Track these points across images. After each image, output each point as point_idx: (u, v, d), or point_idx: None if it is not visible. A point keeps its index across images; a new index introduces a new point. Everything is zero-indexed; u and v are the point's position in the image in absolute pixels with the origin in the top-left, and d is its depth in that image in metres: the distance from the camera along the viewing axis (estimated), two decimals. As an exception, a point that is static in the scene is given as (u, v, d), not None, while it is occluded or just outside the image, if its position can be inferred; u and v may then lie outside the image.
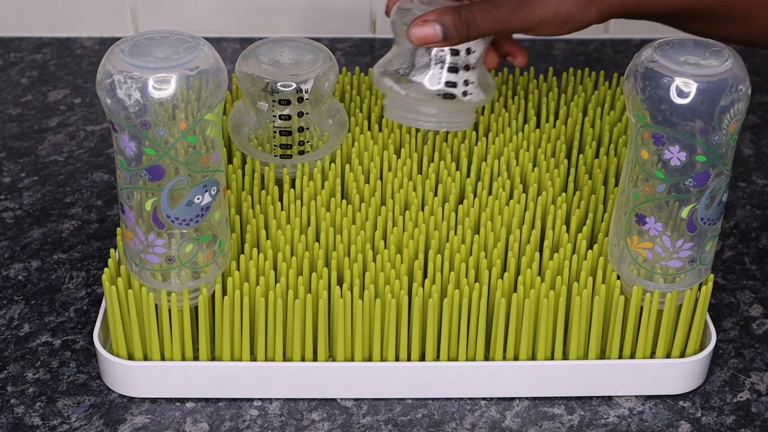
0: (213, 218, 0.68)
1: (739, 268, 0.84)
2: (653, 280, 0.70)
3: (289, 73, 0.76)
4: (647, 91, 0.64)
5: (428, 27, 0.71)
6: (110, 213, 0.88)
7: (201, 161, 0.65)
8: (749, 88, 0.64)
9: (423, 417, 0.71)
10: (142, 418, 0.71)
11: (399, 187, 0.77)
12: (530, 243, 0.74)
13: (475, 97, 0.75)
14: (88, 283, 0.81)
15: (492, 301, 0.72)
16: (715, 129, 0.64)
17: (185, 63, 0.63)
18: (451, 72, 0.74)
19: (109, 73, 0.63)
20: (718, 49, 0.65)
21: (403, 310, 0.70)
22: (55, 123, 1.00)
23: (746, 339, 0.78)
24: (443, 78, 0.74)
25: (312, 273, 0.72)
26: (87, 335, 0.76)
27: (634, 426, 0.71)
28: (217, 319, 0.70)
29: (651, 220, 0.68)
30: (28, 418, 0.70)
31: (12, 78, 1.06)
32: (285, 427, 0.70)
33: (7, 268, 0.82)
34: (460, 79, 0.74)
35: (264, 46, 0.78)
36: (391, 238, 0.74)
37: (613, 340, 0.72)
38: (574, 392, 0.73)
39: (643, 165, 0.67)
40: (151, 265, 0.68)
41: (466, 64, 0.74)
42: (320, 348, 0.71)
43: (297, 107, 0.76)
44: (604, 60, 1.11)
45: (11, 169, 0.93)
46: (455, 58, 0.74)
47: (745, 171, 0.95)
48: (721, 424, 0.71)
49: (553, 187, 0.78)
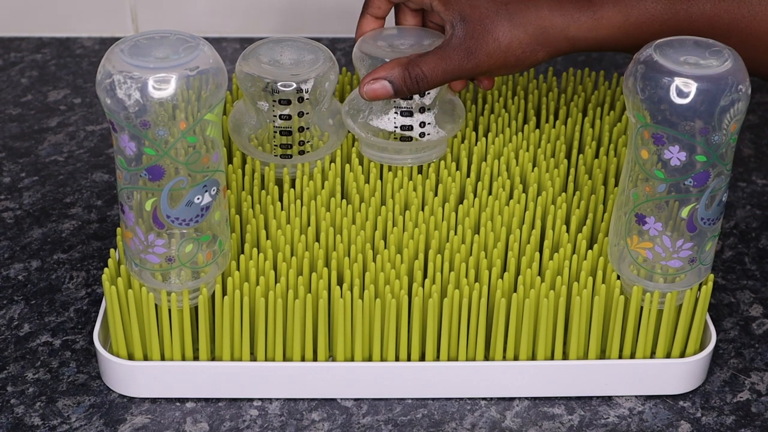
0: (213, 218, 0.68)
1: (739, 268, 0.84)
2: (653, 280, 0.70)
3: (289, 73, 0.76)
4: (647, 91, 0.64)
5: (377, 84, 0.73)
6: (110, 213, 0.88)
7: (201, 161, 0.65)
8: (749, 88, 0.64)
9: (423, 417, 0.71)
10: (142, 418, 0.71)
11: (399, 187, 0.77)
12: (530, 243, 0.74)
13: (434, 136, 0.76)
14: (88, 283, 0.81)
15: (492, 301, 0.72)
16: (715, 129, 0.64)
17: (185, 63, 0.63)
18: (405, 116, 0.75)
19: (108, 73, 0.62)
20: (718, 49, 0.65)
21: (403, 310, 0.70)
22: (55, 123, 1.00)
23: (746, 339, 0.78)
24: (398, 122, 0.75)
25: (312, 273, 0.72)
26: (87, 335, 0.76)
27: (634, 426, 0.71)
28: (217, 319, 0.70)
29: (651, 220, 0.68)
30: (28, 418, 0.70)
31: (12, 78, 1.06)
32: (285, 427, 0.70)
33: (7, 268, 0.82)
34: (415, 121, 0.75)
35: (264, 46, 0.78)
36: (391, 238, 0.74)
37: (613, 340, 0.72)
38: (574, 392, 0.72)
39: (643, 165, 0.67)
40: (151, 265, 0.68)
41: (421, 107, 0.75)
42: (320, 348, 0.71)
43: (297, 107, 0.76)
44: (604, 60, 1.11)
45: (11, 169, 0.93)
46: (409, 102, 0.75)
47: (745, 171, 0.95)
48: (721, 424, 0.71)
49: (553, 187, 0.78)
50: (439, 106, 0.77)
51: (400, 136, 0.76)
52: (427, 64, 0.73)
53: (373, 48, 0.76)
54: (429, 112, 0.76)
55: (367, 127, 0.77)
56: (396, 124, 0.76)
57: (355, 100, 0.78)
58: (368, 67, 0.75)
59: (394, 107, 0.76)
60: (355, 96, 0.78)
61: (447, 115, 0.78)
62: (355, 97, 0.78)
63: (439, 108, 0.77)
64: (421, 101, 0.75)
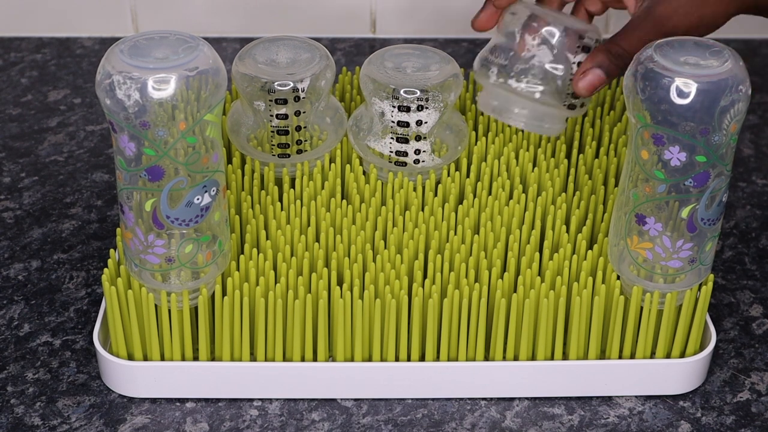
0: (213, 218, 0.68)
1: (739, 268, 0.84)
2: (653, 281, 0.70)
3: (285, 72, 0.75)
4: (647, 92, 0.64)
5: (590, 75, 0.75)
6: (110, 213, 0.88)
7: (201, 162, 0.65)
8: (749, 88, 0.64)
9: (423, 417, 0.71)
10: (142, 418, 0.71)
11: (399, 187, 0.77)
12: (530, 243, 0.74)
13: (429, 163, 0.76)
14: (88, 283, 0.81)
15: (492, 302, 0.72)
16: (715, 129, 0.64)
17: (185, 63, 0.63)
18: (401, 142, 0.76)
19: (108, 74, 0.62)
20: (719, 49, 0.65)
21: (403, 310, 0.70)
22: (55, 123, 1.00)
23: (746, 339, 0.78)
24: (394, 147, 0.76)
25: (312, 273, 0.72)
26: (87, 335, 0.76)
27: (634, 426, 0.71)
28: (217, 319, 0.70)
29: (651, 220, 0.68)
30: (28, 418, 0.70)
31: (12, 78, 1.06)
32: (285, 427, 0.70)
33: (7, 268, 0.82)
34: (410, 148, 0.76)
35: (260, 46, 0.78)
36: (391, 239, 0.74)
37: (613, 341, 0.72)
38: (574, 392, 0.72)
39: (643, 165, 0.67)
40: (151, 266, 0.68)
41: (417, 135, 0.75)
42: (320, 348, 0.71)
43: (294, 106, 0.76)
44: (604, 60, 1.11)
45: (11, 169, 0.93)
46: (405, 129, 0.75)
47: (745, 171, 0.95)
48: (721, 424, 0.71)
49: (553, 187, 0.78)
50: (437, 134, 0.77)
51: (395, 160, 0.76)
52: (624, 38, 0.74)
53: (379, 71, 0.76)
54: (425, 140, 0.76)
55: (366, 147, 0.77)
56: (392, 149, 0.76)
57: (359, 118, 0.78)
58: (371, 91, 0.75)
59: (391, 133, 0.76)
60: (359, 113, 0.78)
61: (447, 141, 0.78)
62: (360, 115, 0.78)
63: (438, 134, 0.77)
64: (417, 129, 0.75)
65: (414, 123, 0.75)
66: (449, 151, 0.78)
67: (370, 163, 0.78)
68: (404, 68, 0.76)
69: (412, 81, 0.75)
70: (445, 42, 1.13)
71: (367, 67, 0.76)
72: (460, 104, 0.87)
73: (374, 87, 0.75)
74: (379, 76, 0.75)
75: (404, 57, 0.77)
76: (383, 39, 1.13)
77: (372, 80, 0.75)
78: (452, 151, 0.78)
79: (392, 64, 0.76)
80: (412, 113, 0.75)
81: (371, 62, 0.76)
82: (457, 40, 1.13)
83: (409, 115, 0.75)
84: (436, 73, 0.75)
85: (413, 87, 0.74)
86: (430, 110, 0.75)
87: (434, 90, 0.74)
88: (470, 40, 1.13)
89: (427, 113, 0.75)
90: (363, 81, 0.76)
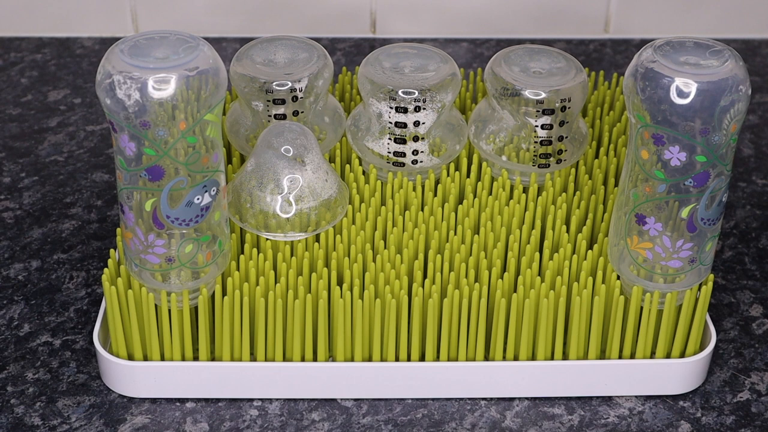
0: (213, 218, 0.68)
1: (739, 268, 0.84)
2: (653, 281, 0.70)
3: (283, 72, 0.75)
4: (647, 92, 0.64)
5: None
6: (110, 213, 0.88)
7: (201, 161, 0.65)
8: (749, 88, 0.64)
9: (423, 417, 0.71)
10: (142, 418, 0.71)
11: (399, 187, 0.77)
12: (530, 243, 0.74)
13: (427, 164, 0.76)
14: (88, 283, 0.81)
15: (492, 302, 0.72)
16: (715, 129, 0.64)
17: (185, 63, 0.63)
18: (398, 143, 0.75)
19: (108, 74, 0.62)
20: (719, 49, 0.65)
21: (403, 310, 0.70)
22: (55, 123, 1.00)
23: (746, 339, 0.78)
24: (391, 148, 0.76)
25: (312, 273, 0.72)
26: (87, 335, 0.76)
27: (634, 426, 0.71)
28: (217, 319, 0.70)
29: (651, 220, 0.68)
30: (28, 418, 0.70)
31: (12, 78, 1.06)
32: (285, 427, 0.70)
33: (7, 268, 0.82)
34: (408, 149, 0.76)
35: (258, 46, 0.78)
36: (391, 239, 0.74)
37: (613, 341, 0.72)
38: (574, 392, 0.73)
39: (643, 165, 0.67)
40: (151, 266, 0.68)
41: (415, 136, 0.75)
42: (320, 348, 0.71)
43: (292, 106, 0.76)
44: (604, 60, 1.11)
45: (11, 169, 0.93)
46: (403, 130, 0.75)
47: (745, 171, 0.95)
48: (721, 424, 0.71)
49: (553, 187, 0.78)
50: (436, 133, 0.77)
51: (393, 161, 0.76)
52: None
53: (377, 72, 0.76)
54: (423, 141, 0.76)
55: (364, 147, 0.77)
56: (389, 150, 0.76)
57: (357, 118, 0.78)
58: (369, 91, 0.75)
59: (389, 134, 0.76)
60: (358, 113, 0.78)
61: (446, 141, 0.78)
62: (358, 115, 0.78)
63: (437, 133, 0.77)
64: (415, 130, 0.75)
65: (411, 124, 0.75)
66: (448, 150, 0.78)
67: (369, 163, 0.78)
68: (402, 68, 0.76)
69: (409, 82, 0.75)
70: (445, 42, 1.13)
71: (364, 67, 0.76)
72: (460, 103, 0.87)
73: (372, 88, 0.75)
74: (376, 77, 0.75)
75: (402, 56, 0.77)
76: (383, 39, 1.14)
77: (370, 81, 0.75)
78: (451, 150, 0.78)
79: (390, 64, 0.76)
80: (409, 114, 0.75)
81: (368, 63, 0.76)
82: (457, 40, 1.13)
83: (406, 116, 0.75)
84: (434, 74, 0.75)
85: (411, 88, 0.74)
86: (428, 111, 0.75)
87: (432, 90, 0.74)
88: (470, 40, 1.13)
89: (425, 114, 0.75)
90: (361, 82, 0.76)
